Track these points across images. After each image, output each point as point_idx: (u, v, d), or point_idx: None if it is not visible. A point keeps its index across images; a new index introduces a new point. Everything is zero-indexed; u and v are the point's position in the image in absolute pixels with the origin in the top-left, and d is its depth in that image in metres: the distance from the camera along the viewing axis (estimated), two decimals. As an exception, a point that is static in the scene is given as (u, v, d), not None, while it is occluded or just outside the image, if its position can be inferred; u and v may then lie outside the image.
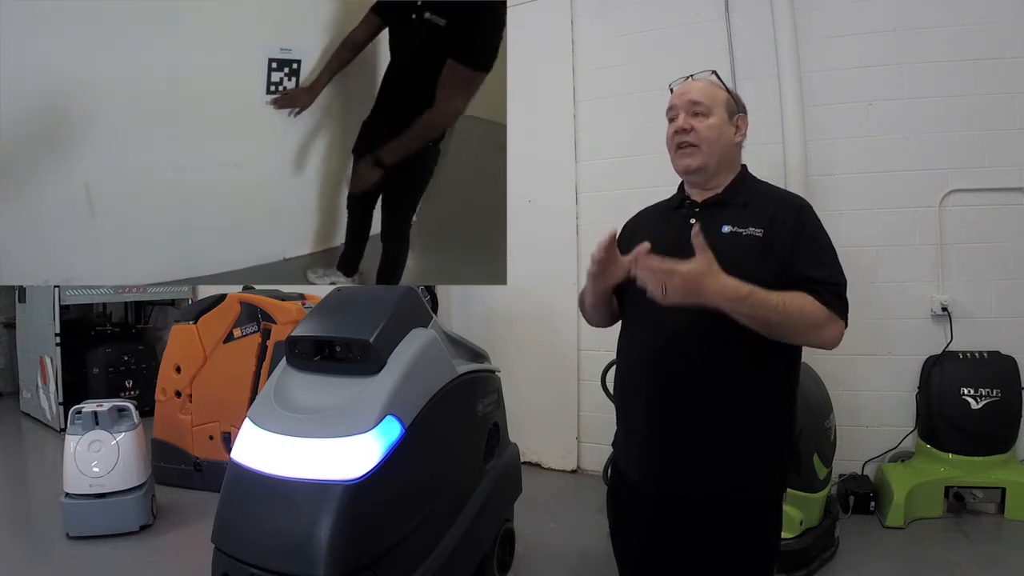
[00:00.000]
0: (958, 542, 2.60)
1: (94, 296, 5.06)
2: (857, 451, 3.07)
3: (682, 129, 1.33)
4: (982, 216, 2.98)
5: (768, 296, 1.13)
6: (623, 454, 1.42)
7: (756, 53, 3.26)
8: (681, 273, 1.10)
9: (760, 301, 1.12)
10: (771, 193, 1.36)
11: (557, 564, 2.54)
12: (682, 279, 1.10)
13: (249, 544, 1.59)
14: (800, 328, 1.17)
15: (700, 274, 1.10)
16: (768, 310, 1.13)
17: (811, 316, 1.16)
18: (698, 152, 1.32)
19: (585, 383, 3.65)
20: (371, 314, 1.83)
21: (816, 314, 1.16)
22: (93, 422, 2.78)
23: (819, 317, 1.17)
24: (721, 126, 1.33)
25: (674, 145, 1.36)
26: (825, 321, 1.18)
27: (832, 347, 1.23)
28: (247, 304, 3.47)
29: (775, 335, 1.17)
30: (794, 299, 1.15)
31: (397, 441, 1.64)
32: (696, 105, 1.33)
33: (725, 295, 1.11)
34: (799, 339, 1.21)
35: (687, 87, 1.37)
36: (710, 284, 1.10)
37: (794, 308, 1.14)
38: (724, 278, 1.11)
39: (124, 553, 2.65)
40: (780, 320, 1.14)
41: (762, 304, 1.12)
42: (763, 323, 1.15)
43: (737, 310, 1.13)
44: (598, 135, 3.67)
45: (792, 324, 1.16)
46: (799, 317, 1.15)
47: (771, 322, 1.14)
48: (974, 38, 2.96)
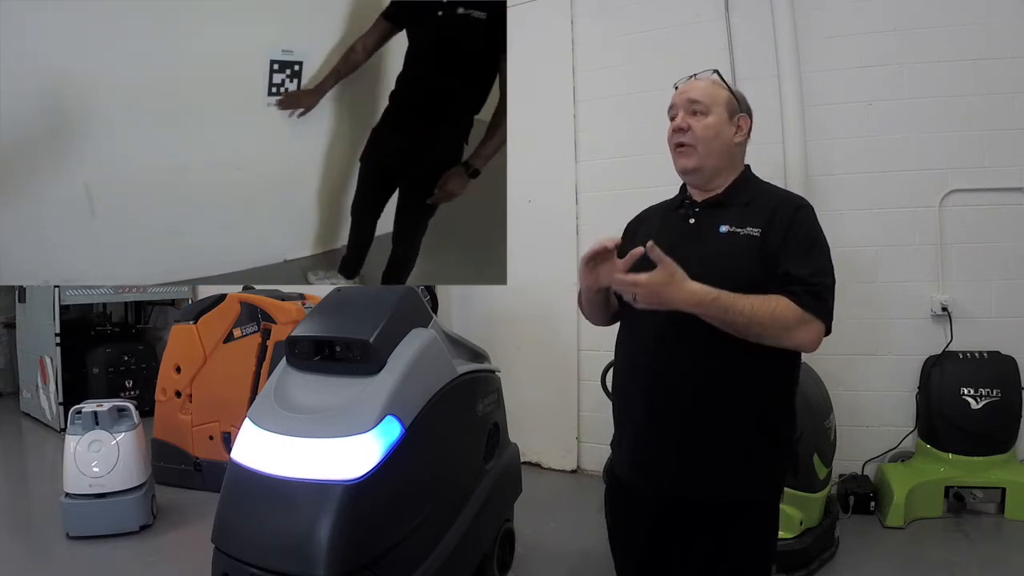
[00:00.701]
0: (958, 542, 2.60)
1: (94, 296, 5.06)
2: (857, 451, 3.07)
3: (679, 128, 1.33)
4: (982, 216, 2.98)
5: (736, 300, 1.13)
6: (619, 454, 1.42)
7: (756, 53, 3.26)
8: (643, 284, 1.12)
9: (726, 305, 1.13)
10: (773, 194, 1.36)
11: (557, 564, 2.54)
12: (645, 290, 1.13)
13: (249, 544, 1.59)
14: (770, 330, 1.16)
15: (661, 284, 1.12)
16: (735, 313, 1.14)
17: (781, 319, 1.15)
18: (694, 152, 1.31)
19: (585, 383, 3.65)
20: (371, 314, 1.83)
21: (787, 317, 1.15)
22: (93, 422, 2.78)
23: (789, 320, 1.16)
24: (719, 125, 1.32)
25: (673, 145, 1.36)
26: (796, 324, 1.16)
27: (810, 349, 1.22)
28: (247, 304, 3.47)
29: (748, 337, 1.17)
30: (765, 302, 1.15)
31: (397, 441, 1.64)
32: (695, 104, 1.32)
33: (690, 301, 1.13)
34: (771, 341, 1.18)
35: (687, 86, 1.37)
36: (673, 293, 1.13)
37: (763, 311, 1.14)
38: (688, 285, 1.13)
39: (124, 553, 2.65)
40: (747, 323, 1.14)
41: (729, 308, 1.13)
42: (732, 326, 1.15)
43: (706, 314, 1.15)
44: (598, 135, 3.66)
45: (761, 327, 1.15)
46: (768, 320, 1.15)
47: (739, 325, 1.15)
48: (974, 38, 2.96)
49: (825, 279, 1.22)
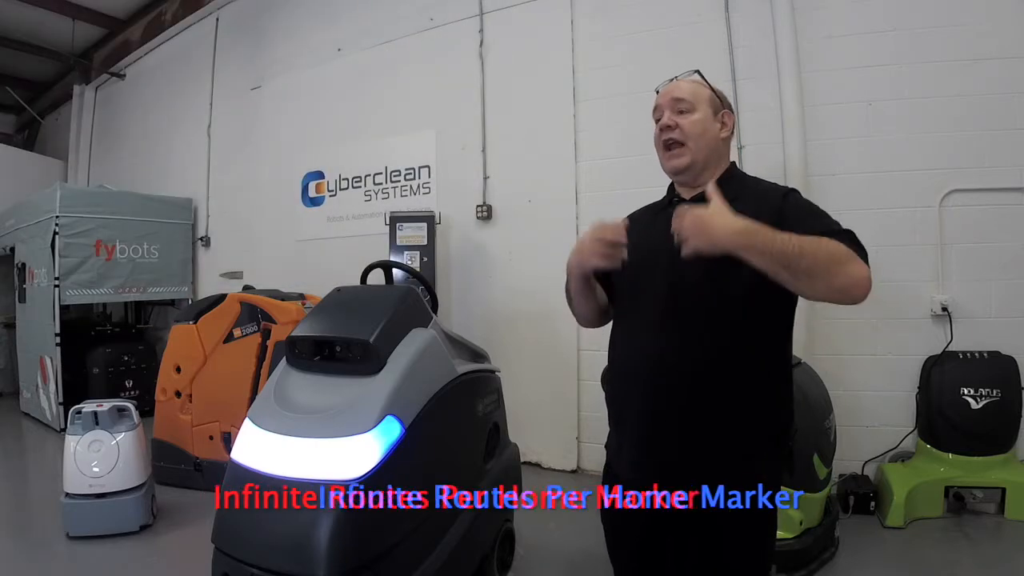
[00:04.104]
0: (958, 542, 2.60)
1: (94, 296, 5.05)
2: (857, 451, 3.08)
3: (667, 126, 1.34)
4: (982, 216, 2.98)
5: (781, 233, 1.08)
6: (616, 453, 1.42)
7: (756, 53, 3.26)
8: (692, 216, 1.09)
9: (773, 235, 1.07)
10: (758, 187, 1.36)
11: (557, 564, 2.54)
12: (691, 220, 1.09)
13: (249, 544, 1.59)
14: (822, 264, 1.07)
15: (709, 214, 1.09)
16: (783, 243, 1.07)
17: (833, 250, 1.08)
18: (685, 150, 1.32)
19: (585, 383, 3.65)
20: (371, 314, 1.83)
21: (838, 250, 1.09)
22: (93, 422, 2.79)
23: (840, 254, 1.09)
24: (705, 121, 1.33)
25: (661, 144, 1.36)
26: (847, 258, 1.09)
27: (862, 291, 1.11)
28: (247, 304, 3.47)
29: (797, 273, 1.08)
30: (812, 239, 1.08)
31: (397, 441, 1.64)
32: (679, 102, 1.33)
33: (734, 229, 1.08)
34: (823, 279, 1.08)
35: (670, 87, 1.38)
36: (718, 221, 1.08)
37: (811, 243, 1.07)
38: (733, 216, 1.09)
39: (124, 553, 2.65)
40: (799, 252, 1.06)
41: (777, 237, 1.07)
42: (780, 258, 1.06)
43: (751, 245, 1.07)
44: (598, 135, 3.67)
45: (813, 257, 1.07)
46: (821, 250, 1.07)
47: (788, 256, 1.06)
48: (974, 38, 2.97)
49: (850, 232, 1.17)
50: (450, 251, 4.16)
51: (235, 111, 5.52)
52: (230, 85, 5.56)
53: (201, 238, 5.73)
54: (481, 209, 3.97)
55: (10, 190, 6.07)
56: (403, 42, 4.44)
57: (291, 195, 5.04)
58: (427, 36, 4.32)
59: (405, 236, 3.85)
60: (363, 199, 4.63)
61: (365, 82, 4.64)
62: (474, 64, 4.00)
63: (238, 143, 5.49)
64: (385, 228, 3.94)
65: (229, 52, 5.60)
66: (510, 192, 3.92)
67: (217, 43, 5.68)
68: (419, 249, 3.82)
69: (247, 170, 5.39)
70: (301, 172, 5.01)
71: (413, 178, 4.39)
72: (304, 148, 5.01)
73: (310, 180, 4.97)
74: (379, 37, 4.56)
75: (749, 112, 3.19)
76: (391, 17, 4.49)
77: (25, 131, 8.52)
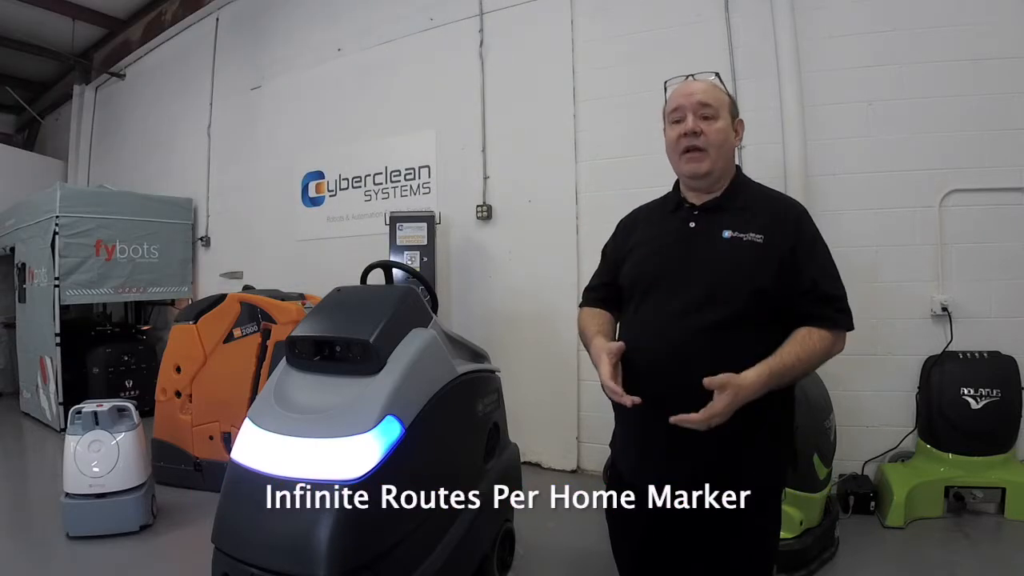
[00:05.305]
0: (958, 542, 2.59)
1: (94, 296, 5.05)
2: (857, 451, 3.07)
3: (691, 132, 1.32)
4: (982, 216, 2.98)
5: (783, 360, 1.21)
6: (621, 452, 1.42)
7: (756, 53, 3.26)
8: (719, 413, 1.15)
9: (782, 372, 1.21)
10: (767, 196, 1.37)
11: (557, 564, 2.54)
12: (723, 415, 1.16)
13: (249, 544, 1.59)
14: (815, 364, 1.29)
15: (730, 404, 1.15)
16: (790, 374, 1.23)
17: (824, 351, 1.27)
18: (706, 157, 1.31)
19: (585, 383, 3.65)
20: (371, 314, 1.82)
21: (826, 347, 1.27)
22: (93, 422, 2.78)
23: (828, 347, 1.28)
24: (727, 130, 1.34)
25: (680, 148, 1.34)
26: (833, 345, 1.29)
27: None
28: (247, 304, 3.47)
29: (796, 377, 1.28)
30: (804, 345, 1.24)
31: (397, 441, 1.63)
32: (705, 108, 1.32)
33: (755, 390, 1.18)
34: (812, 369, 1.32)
35: (692, 88, 1.35)
36: (742, 398, 1.16)
37: (807, 352, 1.24)
38: (746, 382, 1.16)
39: (124, 553, 2.65)
40: (804, 371, 1.27)
41: (784, 373, 1.22)
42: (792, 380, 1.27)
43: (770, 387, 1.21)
44: (598, 135, 3.67)
45: (807, 364, 1.26)
46: (814, 356, 1.26)
47: (798, 376, 1.27)
48: (974, 38, 2.96)
49: (844, 290, 1.32)
50: (450, 251, 4.16)
51: (235, 111, 5.52)
52: (230, 85, 5.57)
53: (201, 238, 5.73)
54: (481, 209, 3.97)
55: (10, 190, 6.07)
56: (403, 42, 4.43)
57: (291, 195, 5.04)
58: (427, 36, 4.32)
59: (405, 236, 3.84)
60: (363, 199, 4.64)
61: (365, 82, 4.64)
62: (474, 64, 4.01)
63: (238, 143, 5.49)
64: (385, 228, 3.94)
65: (229, 52, 5.60)
66: (510, 192, 3.92)
67: (217, 43, 5.68)
68: (419, 249, 3.82)
69: (247, 170, 5.39)
70: (301, 172, 5.01)
71: (413, 178, 4.40)
72: (304, 148, 5.01)
73: (310, 180, 4.97)
74: (379, 37, 4.56)
75: (749, 112, 3.14)
76: (391, 17, 4.49)
77: (25, 131, 8.52)
